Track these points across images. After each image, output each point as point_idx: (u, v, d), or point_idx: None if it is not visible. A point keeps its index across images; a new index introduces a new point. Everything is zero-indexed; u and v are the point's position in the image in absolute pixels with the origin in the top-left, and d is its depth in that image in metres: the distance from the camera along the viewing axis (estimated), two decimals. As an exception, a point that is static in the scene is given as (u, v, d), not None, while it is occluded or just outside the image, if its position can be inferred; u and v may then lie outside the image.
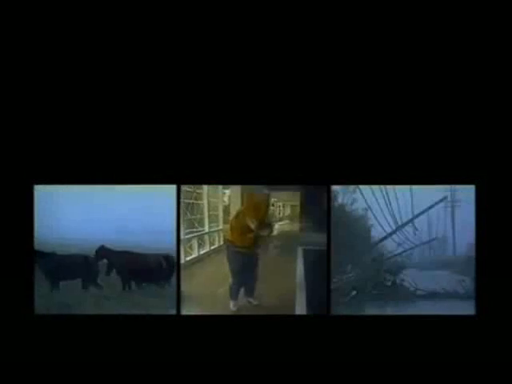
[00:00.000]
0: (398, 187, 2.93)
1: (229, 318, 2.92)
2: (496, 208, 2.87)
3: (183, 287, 2.96)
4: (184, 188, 3.02)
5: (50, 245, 2.91)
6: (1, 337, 2.82)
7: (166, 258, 3.01)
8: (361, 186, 2.94)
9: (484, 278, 2.88)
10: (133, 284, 3.04)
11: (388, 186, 2.94)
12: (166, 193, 2.91)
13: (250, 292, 3.17)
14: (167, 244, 2.94)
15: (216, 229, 3.66)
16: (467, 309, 2.88)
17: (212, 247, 3.64)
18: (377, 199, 2.96)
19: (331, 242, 2.92)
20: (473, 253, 2.90)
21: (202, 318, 2.89)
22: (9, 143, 2.86)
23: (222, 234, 3.59)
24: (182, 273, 2.99)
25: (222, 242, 3.56)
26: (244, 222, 3.22)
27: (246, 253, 3.21)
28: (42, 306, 2.89)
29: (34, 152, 2.86)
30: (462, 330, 2.86)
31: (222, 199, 3.47)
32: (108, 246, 2.98)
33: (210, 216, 3.52)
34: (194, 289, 3.02)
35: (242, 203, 3.29)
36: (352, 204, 2.98)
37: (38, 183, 2.87)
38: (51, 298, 2.93)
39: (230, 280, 3.14)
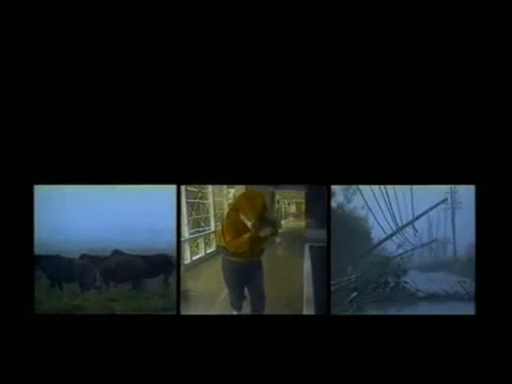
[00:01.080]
0: (398, 189, 2.93)
1: (228, 317, 2.92)
2: (496, 208, 2.87)
3: (189, 286, 2.95)
4: (189, 188, 3.02)
5: (49, 245, 2.92)
6: (1, 337, 2.82)
7: (162, 258, 3.01)
8: (361, 187, 2.94)
9: (484, 279, 2.87)
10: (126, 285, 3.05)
11: (388, 188, 2.93)
12: (168, 192, 2.91)
13: (257, 307, 2.90)
14: (169, 244, 2.94)
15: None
16: (468, 310, 2.87)
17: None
18: (377, 200, 2.95)
19: (331, 243, 2.92)
20: (473, 254, 2.89)
21: (202, 318, 2.89)
22: (9, 143, 2.86)
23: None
24: (189, 272, 3.00)
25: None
26: (238, 220, 2.83)
27: (242, 263, 2.84)
28: (46, 307, 2.91)
29: (34, 152, 2.86)
30: (462, 331, 2.85)
31: (227, 198, 3.43)
32: (89, 253, 2.99)
33: (215, 215, 3.46)
34: (200, 288, 3.01)
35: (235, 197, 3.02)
36: (352, 205, 2.98)
37: (37, 183, 2.87)
38: (55, 300, 2.95)
39: (227, 292, 2.93)
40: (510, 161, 2.86)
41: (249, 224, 2.80)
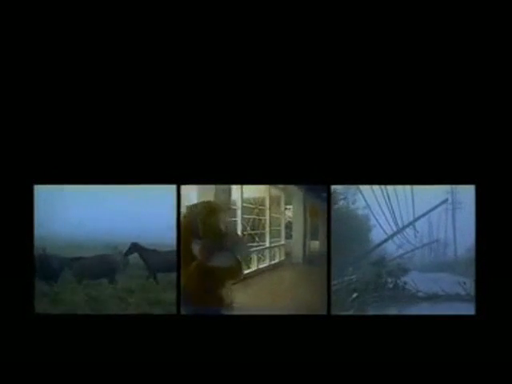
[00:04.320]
0: (398, 189, 2.93)
1: (228, 317, 2.91)
2: (496, 208, 2.87)
3: (235, 298, 2.93)
4: (245, 204, 3.03)
5: (49, 245, 2.93)
6: (1, 337, 2.82)
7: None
8: (362, 188, 2.94)
9: (484, 279, 2.87)
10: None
11: (389, 188, 2.93)
12: (168, 193, 2.92)
13: None
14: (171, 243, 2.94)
15: (278, 244, 3.60)
16: (468, 311, 2.87)
17: (272, 262, 3.56)
18: (378, 201, 2.95)
19: (332, 243, 2.92)
20: (473, 254, 2.89)
21: (202, 318, 2.88)
22: (9, 143, 2.86)
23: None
24: (237, 285, 2.97)
25: (282, 257, 3.46)
26: (187, 241, 2.23)
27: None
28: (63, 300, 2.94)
29: (34, 152, 2.87)
30: (462, 331, 2.85)
31: (284, 214, 3.40)
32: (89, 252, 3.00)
33: (271, 231, 3.46)
34: (249, 301, 3.00)
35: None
36: (353, 206, 2.98)
37: (37, 183, 2.87)
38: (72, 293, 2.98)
39: None
40: (510, 161, 2.87)
41: (195, 248, 2.19)
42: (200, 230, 2.28)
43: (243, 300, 2.95)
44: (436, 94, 2.88)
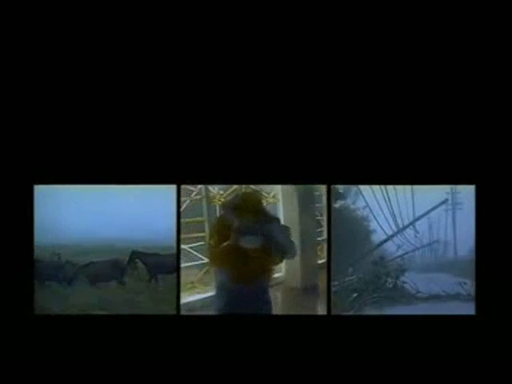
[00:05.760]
0: (399, 189, 2.93)
1: (229, 317, 2.91)
2: (496, 208, 2.87)
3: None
4: (316, 192, 3.03)
5: (49, 245, 2.93)
6: (1, 337, 2.82)
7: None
8: (362, 188, 2.94)
9: (484, 279, 2.87)
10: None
11: (389, 188, 2.93)
12: (168, 192, 2.92)
13: None
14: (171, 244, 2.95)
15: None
16: (468, 311, 2.87)
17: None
18: (378, 201, 2.95)
19: (332, 243, 2.92)
20: (474, 255, 2.89)
21: (202, 318, 2.89)
22: (9, 143, 2.86)
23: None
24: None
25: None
26: (226, 220, 2.37)
27: (241, 290, 2.41)
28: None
29: (34, 152, 2.86)
30: (462, 331, 2.85)
31: None
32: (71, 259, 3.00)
33: None
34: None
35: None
36: (353, 206, 2.98)
37: (37, 183, 2.87)
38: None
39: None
40: (510, 161, 2.87)
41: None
42: (242, 210, 2.41)
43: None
44: (436, 93, 2.88)
